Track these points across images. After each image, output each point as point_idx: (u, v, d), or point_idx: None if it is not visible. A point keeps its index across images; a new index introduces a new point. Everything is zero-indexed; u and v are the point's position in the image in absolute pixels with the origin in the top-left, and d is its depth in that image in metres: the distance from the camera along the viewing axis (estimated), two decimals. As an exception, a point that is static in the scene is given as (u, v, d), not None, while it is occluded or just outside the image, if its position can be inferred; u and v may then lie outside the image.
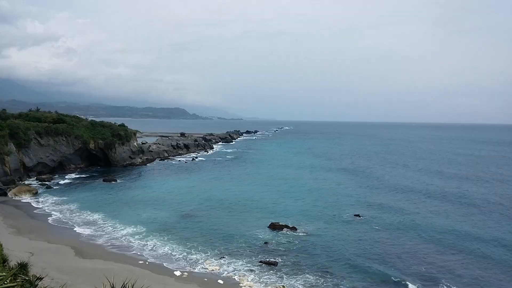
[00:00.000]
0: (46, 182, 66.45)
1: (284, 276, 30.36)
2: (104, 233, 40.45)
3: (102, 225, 43.13)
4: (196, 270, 31.47)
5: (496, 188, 68.64)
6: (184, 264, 32.63)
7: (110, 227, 42.25)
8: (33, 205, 51.71)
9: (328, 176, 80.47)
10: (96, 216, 46.47)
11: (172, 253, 35.08)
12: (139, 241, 37.94)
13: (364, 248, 36.98)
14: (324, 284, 29.12)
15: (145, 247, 36.39)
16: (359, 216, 47.68)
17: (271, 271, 31.22)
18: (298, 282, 29.37)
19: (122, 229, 41.49)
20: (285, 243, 37.80)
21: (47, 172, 74.48)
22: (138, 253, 34.88)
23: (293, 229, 41.86)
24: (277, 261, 33.19)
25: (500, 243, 38.61)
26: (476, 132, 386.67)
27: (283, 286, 28.60)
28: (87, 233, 40.33)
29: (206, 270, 31.59)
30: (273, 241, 38.28)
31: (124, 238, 38.90)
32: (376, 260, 33.94)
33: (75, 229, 41.61)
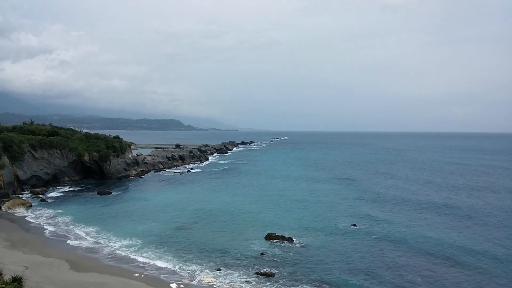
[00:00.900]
0: (40, 195, 65.99)
1: (280, 287, 30.26)
2: (99, 246, 40.15)
3: (97, 238, 42.82)
4: (192, 282, 31.28)
5: (488, 198, 68.84)
6: (180, 276, 32.41)
7: (105, 240, 41.95)
8: (27, 218, 51.27)
9: (323, 186, 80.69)
10: (91, 229, 46.15)
11: (168, 265, 34.86)
12: (134, 254, 37.68)
13: (361, 258, 36.96)
14: (321, 295, 29.05)
15: (140, 260, 36.11)
16: (355, 226, 47.76)
17: (268, 283, 31.10)
18: (295, 293, 29.27)
19: (117, 242, 41.21)
20: (281, 254, 37.72)
21: (41, 185, 74.00)
22: (134, 266, 34.62)
23: (290, 239, 41.80)
24: (274, 272, 33.08)
25: (495, 255, 38.40)
26: (468, 141, 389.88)
27: (280, 297, 28.48)
28: (82, 246, 40.01)
29: (202, 282, 31.42)
30: (270, 252, 38.19)
31: (119, 250, 38.63)
32: (373, 270, 33.90)
33: (69, 242, 41.27)
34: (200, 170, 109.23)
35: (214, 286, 30.63)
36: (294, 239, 42.01)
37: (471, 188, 77.76)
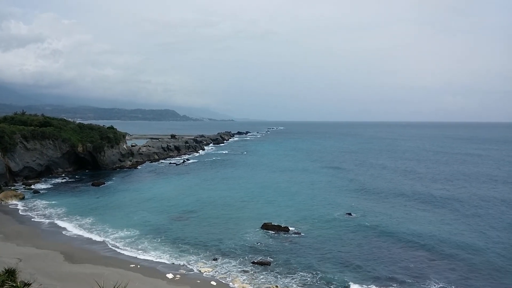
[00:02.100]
0: (33, 187, 65.35)
1: (278, 276, 30.20)
2: (94, 237, 39.78)
3: (91, 229, 42.42)
4: (188, 272, 31.11)
5: (475, 188, 68.65)
6: (177, 267, 32.25)
7: (100, 231, 41.57)
8: (20, 210, 50.69)
9: (318, 176, 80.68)
10: (85, 220, 45.73)
11: (164, 255, 34.67)
12: (130, 245, 37.40)
13: (355, 247, 36.99)
14: (317, 283, 29.05)
15: (136, 251, 35.88)
16: (350, 215, 47.76)
17: (264, 272, 31.04)
18: (291, 282, 29.23)
19: (112, 233, 40.87)
20: (277, 243, 37.65)
21: (34, 176, 73.23)
22: (129, 257, 34.37)
23: (285, 229, 41.69)
24: (270, 261, 33.00)
25: (481, 247, 38.43)
26: (463, 130, 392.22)
27: (276, 286, 28.41)
28: (76, 237, 39.65)
29: (198, 272, 31.26)
30: (266, 242, 38.11)
31: (114, 241, 38.31)
32: (368, 258, 33.99)
33: (64, 233, 40.88)
34: (196, 160, 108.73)
35: (211, 275, 30.49)
36: (290, 228, 41.94)
37: (458, 178, 77.10)
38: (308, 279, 29.69)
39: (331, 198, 58.02)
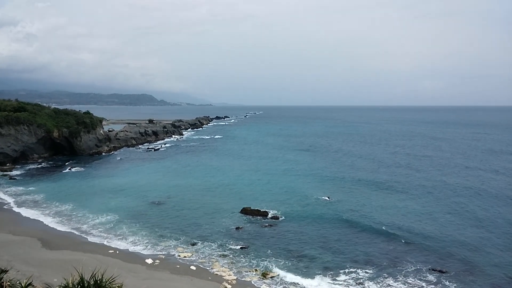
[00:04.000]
0: (8, 173, 63.90)
1: (257, 259, 30.88)
2: (71, 223, 39.53)
3: (69, 215, 42.08)
4: (168, 257, 31.49)
5: (438, 174, 71.50)
6: (156, 252, 32.54)
7: (78, 217, 41.29)
8: (-5, 197, 49.67)
9: (295, 161, 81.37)
10: (63, 206, 45.25)
11: (143, 241, 34.86)
12: (108, 230, 37.37)
13: (332, 230, 38.02)
14: (296, 266, 29.86)
15: (115, 236, 35.92)
16: (328, 199, 48.87)
17: (244, 255, 31.69)
18: (271, 265, 29.97)
19: (90, 219, 40.68)
20: (257, 227, 38.34)
21: (9, 162, 71.48)
22: (108, 243, 34.42)
23: (265, 213, 42.42)
24: (249, 245, 33.69)
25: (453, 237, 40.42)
26: (435, 114, 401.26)
27: (256, 270, 29.18)
28: (54, 224, 39.29)
29: (178, 256, 31.67)
30: (245, 226, 38.76)
31: (93, 227, 38.21)
32: (345, 241, 35.01)
33: (41, 220, 40.43)
34: (174, 145, 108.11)
35: (190, 260, 30.97)
36: (269, 212, 42.67)
37: (424, 164, 79.25)
38: (288, 262, 30.47)
39: (308, 182, 59.04)
